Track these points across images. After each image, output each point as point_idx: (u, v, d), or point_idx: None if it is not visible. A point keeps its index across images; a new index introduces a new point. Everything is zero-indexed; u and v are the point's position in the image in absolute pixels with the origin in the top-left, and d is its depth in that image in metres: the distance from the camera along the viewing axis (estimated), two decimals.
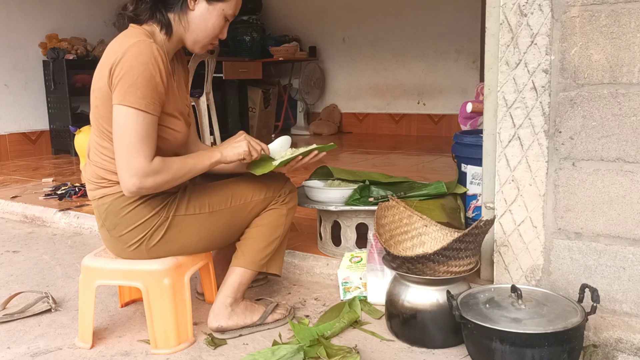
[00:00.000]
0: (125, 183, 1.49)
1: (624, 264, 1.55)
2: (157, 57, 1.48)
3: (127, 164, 1.47)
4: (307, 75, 6.49)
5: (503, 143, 1.66)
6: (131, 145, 1.46)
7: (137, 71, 1.45)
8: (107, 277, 1.69)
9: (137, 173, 1.47)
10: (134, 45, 1.46)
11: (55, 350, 1.67)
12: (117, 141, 1.48)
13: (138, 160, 1.47)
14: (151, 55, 1.47)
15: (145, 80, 1.45)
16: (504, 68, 1.63)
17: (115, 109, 1.47)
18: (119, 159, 1.48)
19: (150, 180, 1.49)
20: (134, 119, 1.45)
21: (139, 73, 1.45)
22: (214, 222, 1.66)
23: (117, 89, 1.45)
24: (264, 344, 1.66)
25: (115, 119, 1.47)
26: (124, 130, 1.46)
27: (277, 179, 1.79)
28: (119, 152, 1.48)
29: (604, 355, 1.53)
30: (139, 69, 1.45)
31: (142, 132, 1.47)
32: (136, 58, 1.45)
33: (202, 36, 1.61)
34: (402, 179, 2.28)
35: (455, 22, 5.69)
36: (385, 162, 4.43)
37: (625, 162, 1.52)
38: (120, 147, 1.47)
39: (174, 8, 1.57)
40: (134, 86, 1.44)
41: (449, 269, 1.59)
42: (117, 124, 1.47)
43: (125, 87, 1.44)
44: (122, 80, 1.45)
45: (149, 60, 1.46)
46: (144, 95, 1.45)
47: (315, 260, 2.19)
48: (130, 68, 1.44)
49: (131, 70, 1.44)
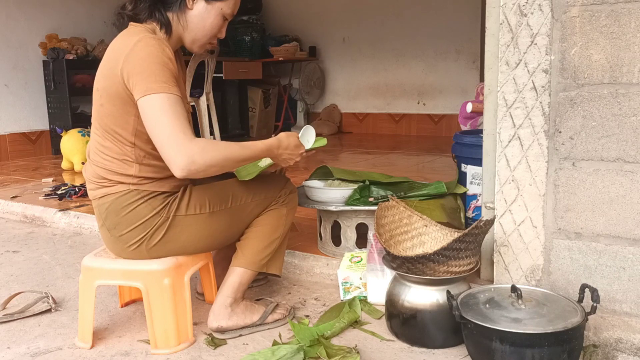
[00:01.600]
0: (175, 165, 1.42)
1: (624, 264, 1.55)
2: (165, 49, 1.49)
3: (170, 145, 1.41)
4: (307, 75, 6.49)
5: (503, 143, 1.66)
6: (168, 126, 1.42)
7: (150, 60, 1.45)
8: (107, 277, 1.69)
9: (182, 150, 1.41)
10: (141, 40, 1.47)
11: (55, 350, 1.67)
12: (154, 129, 1.44)
13: (179, 137, 1.41)
14: (159, 46, 1.48)
15: (160, 67, 1.45)
16: (504, 68, 1.63)
17: (141, 102, 1.45)
18: (162, 144, 1.43)
19: (199, 157, 1.41)
20: (163, 103, 1.43)
21: (152, 61, 1.45)
22: (215, 222, 1.66)
23: (136, 84, 1.45)
24: (264, 344, 1.66)
25: (144, 111, 1.45)
26: (157, 117, 1.43)
27: (278, 179, 1.79)
28: (159, 139, 1.43)
29: (604, 355, 1.53)
30: (152, 59, 1.45)
31: (174, 112, 1.44)
32: (145, 50, 1.46)
33: (200, 35, 1.62)
34: (402, 179, 2.28)
35: (455, 22, 5.69)
36: (385, 162, 4.43)
37: (625, 162, 1.52)
38: (159, 133, 1.43)
39: (172, 7, 1.58)
40: (152, 74, 1.44)
41: (449, 269, 1.59)
42: (148, 115, 1.44)
43: (144, 77, 1.44)
44: (138, 74, 1.44)
45: (159, 50, 1.47)
46: (165, 80, 1.45)
47: (315, 260, 2.19)
48: (143, 60, 1.45)
49: (144, 63, 1.45)
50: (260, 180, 1.73)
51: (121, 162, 1.55)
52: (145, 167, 1.57)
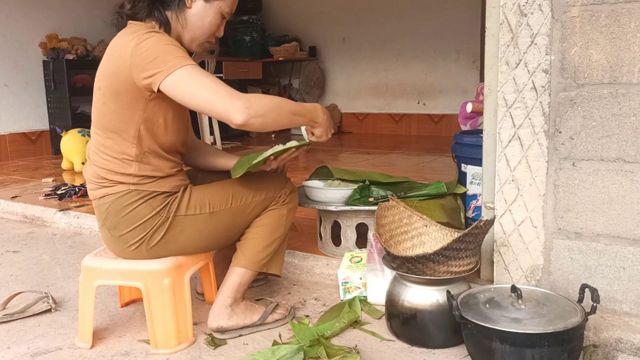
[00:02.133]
0: (235, 109, 1.41)
1: (624, 264, 1.55)
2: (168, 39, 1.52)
3: (222, 97, 1.42)
4: (307, 75, 6.49)
5: (503, 143, 1.66)
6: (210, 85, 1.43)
7: (159, 45, 1.47)
8: (107, 277, 1.69)
9: (236, 96, 1.42)
10: (146, 34, 1.49)
11: (55, 350, 1.67)
12: (195, 94, 1.43)
13: (226, 89, 1.43)
14: (165, 35, 1.52)
15: (172, 47, 1.48)
16: (504, 68, 1.63)
17: (167, 82, 1.44)
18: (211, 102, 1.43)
19: (253, 100, 1.43)
20: (191, 72, 1.44)
21: (162, 44, 1.47)
22: (215, 222, 1.66)
23: (155, 69, 1.45)
24: (264, 344, 1.66)
25: (176, 87, 1.44)
26: (193, 84, 1.43)
27: (278, 179, 1.79)
28: (206, 99, 1.43)
29: (604, 355, 1.53)
30: (161, 42, 1.47)
31: (207, 75, 1.45)
32: (151, 39, 1.47)
33: (199, 34, 1.62)
34: (402, 179, 2.28)
35: (455, 22, 5.69)
36: (385, 162, 4.43)
37: (625, 162, 1.52)
38: (203, 95, 1.43)
39: (171, 6, 1.58)
40: (167, 54, 1.45)
41: (449, 269, 1.59)
42: (181, 88, 1.44)
43: (160, 61, 1.45)
44: (153, 60, 1.45)
45: (165, 36, 1.51)
46: (181, 55, 1.46)
47: (315, 260, 2.19)
48: (153, 48, 1.46)
49: (155, 49, 1.46)
50: (260, 180, 1.73)
51: (121, 161, 1.56)
52: (145, 165, 1.57)
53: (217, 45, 5.02)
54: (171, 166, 1.63)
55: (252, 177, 1.71)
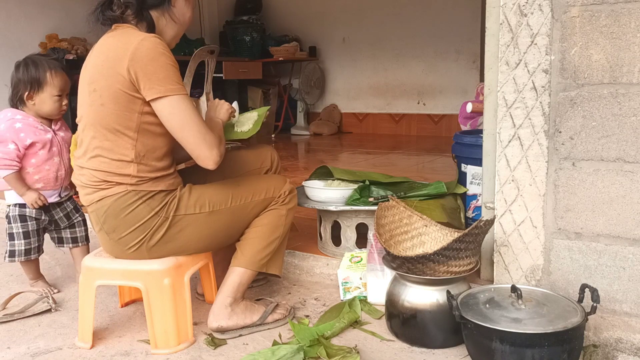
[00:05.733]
0: (209, 158, 1.56)
1: (624, 264, 1.55)
2: (166, 48, 1.54)
3: (204, 141, 1.55)
4: (307, 75, 6.48)
5: (503, 143, 1.66)
6: (198, 125, 1.54)
7: (162, 61, 1.50)
8: (107, 277, 1.69)
9: (214, 144, 1.56)
10: (145, 40, 1.50)
11: (55, 350, 1.67)
12: (184, 127, 1.53)
13: (209, 134, 1.56)
14: (164, 46, 1.53)
15: (173, 68, 1.53)
16: (504, 68, 1.63)
17: (161, 103, 1.51)
18: (194, 140, 1.54)
19: (221, 148, 1.60)
20: (185, 104, 1.53)
21: (164, 62, 1.51)
22: (214, 222, 1.66)
23: (152, 84, 1.49)
24: (264, 344, 1.66)
25: (167, 112, 1.52)
26: (184, 116, 1.53)
27: (277, 179, 1.80)
28: (190, 135, 1.54)
29: (604, 355, 1.53)
30: (163, 59, 1.50)
31: (195, 112, 1.55)
32: (154, 50, 1.50)
33: (181, 30, 1.71)
34: (402, 179, 2.28)
35: (455, 22, 5.69)
36: (385, 162, 4.43)
37: (625, 162, 1.52)
38: (189, 130, 1.53)
39: (158, 7, 1.62)
40: (168, 76, 1.51)
41: (449, 269, 1.59)
42: (171, 116, 1.53)
43: (161, 78, 1.49)
44: (153, 74, 1.49)
45: (165, 50, 1.53)
46: (178, 81, 1.53)
47: (315, 260, 2.19)
48: (155, 61, 1.49)
49: (156, 63, 1.49)
50: (260, 180, 1.74)
51: (119, 162, 1.56)
52: (143, 166, 1.57)
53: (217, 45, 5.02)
54: (167, 165, 1.63)
55: (252, 178, 1.72)
